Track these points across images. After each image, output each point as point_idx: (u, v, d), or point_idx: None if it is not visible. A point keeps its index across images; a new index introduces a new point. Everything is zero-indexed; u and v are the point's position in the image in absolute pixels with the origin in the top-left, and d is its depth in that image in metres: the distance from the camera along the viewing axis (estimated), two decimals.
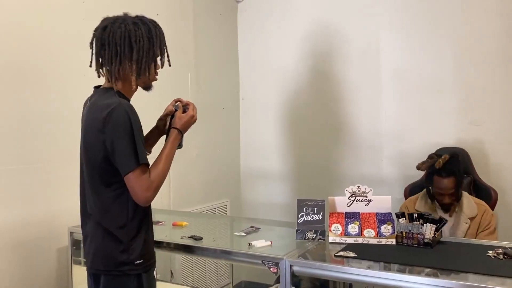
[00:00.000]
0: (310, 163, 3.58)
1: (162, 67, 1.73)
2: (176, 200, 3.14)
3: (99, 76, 1.69)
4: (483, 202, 2.55)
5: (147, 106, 1.89)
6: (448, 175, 2.41)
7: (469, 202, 2.49)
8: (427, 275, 1.58)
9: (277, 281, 3.06)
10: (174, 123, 1.75)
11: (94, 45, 1.67)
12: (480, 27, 2.98)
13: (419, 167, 2.56)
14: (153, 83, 1.74)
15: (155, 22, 1.72)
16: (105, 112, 1.55)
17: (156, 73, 1.72)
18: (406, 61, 3.22)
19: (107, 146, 1.55)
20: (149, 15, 2.02)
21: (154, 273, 1.72)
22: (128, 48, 1.62)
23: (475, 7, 2.99)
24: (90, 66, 1.70)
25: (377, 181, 2.18)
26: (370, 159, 3.33)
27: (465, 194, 2.53)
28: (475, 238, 2.43)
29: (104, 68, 1.66)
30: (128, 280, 1.62)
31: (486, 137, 2.97)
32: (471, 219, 2.47)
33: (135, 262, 1.62)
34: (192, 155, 3.31)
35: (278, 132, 3.71)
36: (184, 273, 3.20)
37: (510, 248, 1.77)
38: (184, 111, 1.75)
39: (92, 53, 1.68)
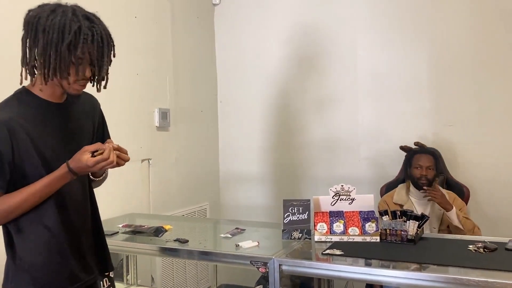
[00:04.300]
0: (288, 165, 3.61)
1: (89, 80, 1.38)
2: (156, 205, 3.10)
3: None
4: (451, 192, 2.74)
5: (124, 111, 1.80)
6: (426, 152, 2.74)
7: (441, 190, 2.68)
8: (413, 270, 1.63)
9: (259, 282, 3.07)
10: (71, 159, 1.37)
11: None
12: (453, 32, 3.09)
13: (402, 147, 2.89)
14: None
15: (92, 19, 1.34)
16: None
17: (76, 82, 1.36)
18: (382, 64, 3.29)
19: None
20: (127, 17, 1.79)
21: None
22: (33, 37, 1.32)
23: (449, 13, 3.10)
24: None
25: (355, 182, 2.23)
26: (348, 160, 3.39)
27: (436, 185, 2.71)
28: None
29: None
30: None
31: (457, 137, 3.08)
32: None
33: None
34: (171, 159, 3.29)
35: (256, 134, 3.72)
36: (165, 278, 3.16)
37: (489, 242, 1.85)
38: (92, 155, 1.35)
39: None
